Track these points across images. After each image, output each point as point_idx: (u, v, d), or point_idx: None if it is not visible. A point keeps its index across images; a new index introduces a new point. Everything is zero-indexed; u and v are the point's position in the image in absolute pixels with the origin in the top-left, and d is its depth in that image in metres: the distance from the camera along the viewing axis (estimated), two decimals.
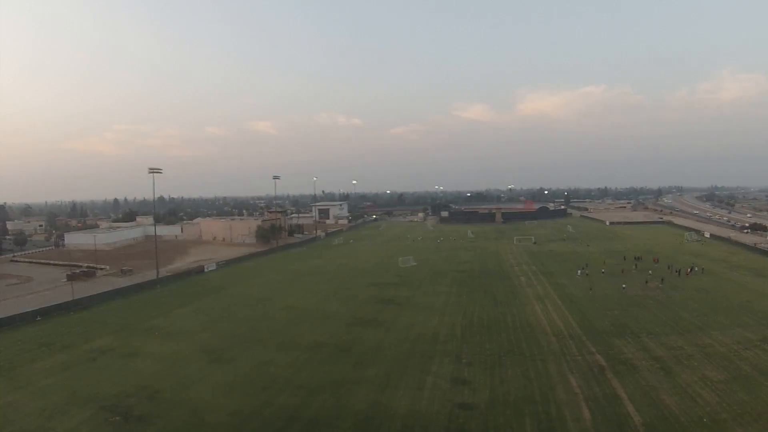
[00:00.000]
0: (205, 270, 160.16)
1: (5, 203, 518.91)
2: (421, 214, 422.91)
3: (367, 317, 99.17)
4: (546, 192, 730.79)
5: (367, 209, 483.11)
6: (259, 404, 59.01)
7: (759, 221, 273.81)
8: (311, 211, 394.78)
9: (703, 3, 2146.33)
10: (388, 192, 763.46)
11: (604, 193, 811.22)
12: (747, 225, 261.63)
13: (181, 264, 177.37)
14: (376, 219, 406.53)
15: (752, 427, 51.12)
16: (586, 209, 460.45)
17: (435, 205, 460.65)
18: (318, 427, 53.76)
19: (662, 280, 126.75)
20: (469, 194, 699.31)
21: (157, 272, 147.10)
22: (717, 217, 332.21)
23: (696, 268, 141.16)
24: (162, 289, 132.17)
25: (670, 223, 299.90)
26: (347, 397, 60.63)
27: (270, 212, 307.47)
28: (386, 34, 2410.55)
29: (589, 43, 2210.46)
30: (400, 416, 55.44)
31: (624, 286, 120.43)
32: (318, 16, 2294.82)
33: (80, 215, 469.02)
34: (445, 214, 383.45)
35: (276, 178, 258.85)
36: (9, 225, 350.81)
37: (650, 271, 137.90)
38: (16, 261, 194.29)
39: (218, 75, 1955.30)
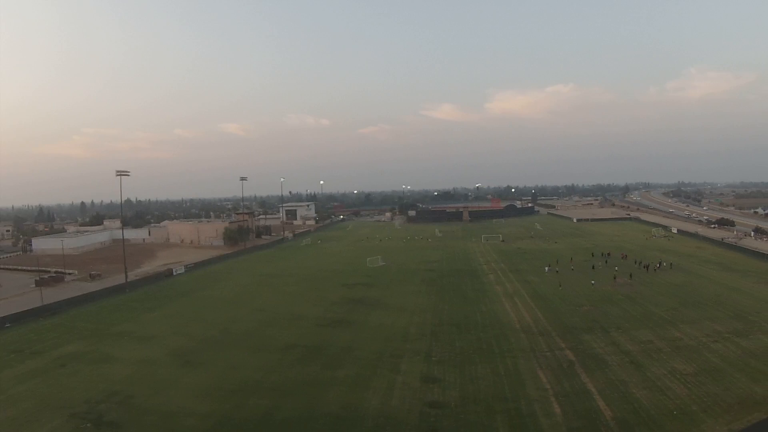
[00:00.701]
0: (174, 273, 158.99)
1: None
2: (388, 214, 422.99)
3: (337, 318, 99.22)
4: (513, 190, 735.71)
5: (335, 209, 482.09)
6: (230, 407, 58.77)
7: (726, 216, 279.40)
8: (279, 212, 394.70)
9: (672, 1, 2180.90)
10: (356, 192, 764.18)
11: (571, 191, 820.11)
12: (714, 220, 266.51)
13: (149, 268, 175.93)
14: (343, 219, 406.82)
15: (722, 419, 52.07)
16: (554, 207, 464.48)
17: (402, 204, 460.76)
18: (290, 429, 53.66)
19: (630, 275, 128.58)
20: (436, 193, 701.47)
21: (126, 276, 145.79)
22: (685, 212, 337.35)
23: (664, 263, 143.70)
24: (131, 294, 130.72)
25: (637, 219, 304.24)
26: (319, 399, 60.62)
27: (238, 214, 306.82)
28: (355, 35, 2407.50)
29: (558, 42, 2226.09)
30: (371, 416, 55.60)
31: (593, 282, 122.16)
32: (286, 17, 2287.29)
33: (47, 219, 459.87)
34: (412, 213, 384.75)
35: (243, 179, 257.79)
36: None
37: (616, 267, 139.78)
38: None
39: (187, 76, 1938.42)
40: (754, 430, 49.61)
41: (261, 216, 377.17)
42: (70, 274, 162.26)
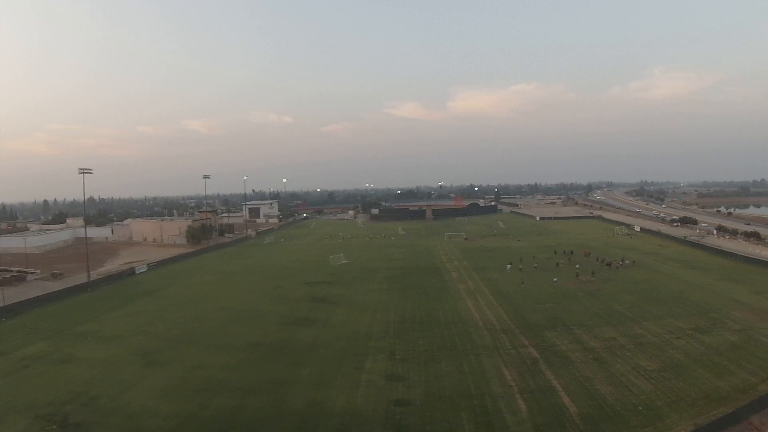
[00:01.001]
0: (137, 272, 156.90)
1: None
2: (351, 212, 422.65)
3: (300, 316, 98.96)
4: (477, 189, 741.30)
5: (298, 208, 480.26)
6: (195, 407, 58.25)
7: (688, 215, 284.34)
8: (242, 210, 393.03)
9: (636, 1, 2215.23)
10: (319, 190, 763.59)
11: (534, 189, 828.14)
12: (676, 218, 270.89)
13: (112, 266, 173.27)
14: (306, 217, 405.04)
15: (687, 414, 52.96)
16: (517, 205, 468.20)
17: (366, 202, 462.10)
18: (256, 428, 53.39)
19: (593, 273, 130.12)
20: (399, 191, 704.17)
21: (88, 275, 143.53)
22: (654, 212, 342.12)
23: (626, 261, 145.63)
24: (94, 293, 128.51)
25: (600, 218, 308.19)
26: (284, 397, 60.43)
27: (201, 212, 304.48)
28: (318, 33, 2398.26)
29: (522, 41, 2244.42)
30: (337, 414, 55.51)
31: (555, 279, 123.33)
32: (249, 15, 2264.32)
33: (10, 218, 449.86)
34: (375, 211, 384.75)
35: (206, 177, 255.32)
36: None
37: (577, 265, 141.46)
38: None
39: (152, 73, 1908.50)
40: (718, 424, 50.37)
41: (224, 214, 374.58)
42: (32, 273, 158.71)
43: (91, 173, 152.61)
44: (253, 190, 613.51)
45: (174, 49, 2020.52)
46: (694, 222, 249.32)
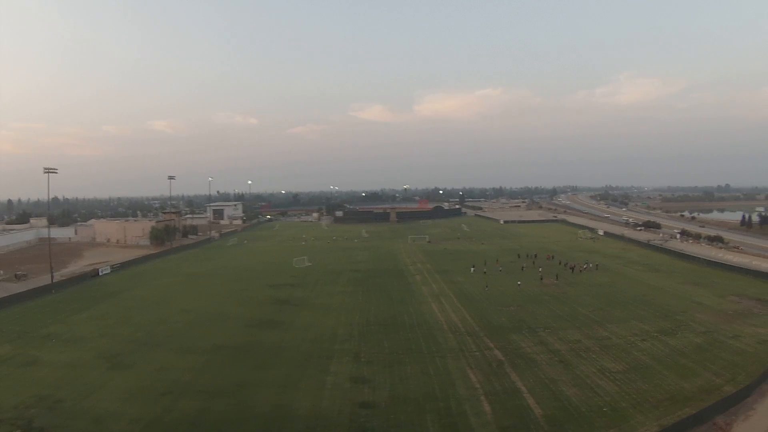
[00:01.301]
0: (101, 273, 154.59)
1: None
2: (315, 214, 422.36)
3: (265, 318, 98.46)
4: (441, 192, 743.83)
5: (262, 210, 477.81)
6: (160, 410, 57.51)
7: (652, 219, 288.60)
8: (206, 211, 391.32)
9: (602, 7, 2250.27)
10: (283, 192, 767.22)
11: (498, 193, 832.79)
12: (640, 222, 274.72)
13: (75, 267, 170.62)
14: (270, 219, 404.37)
15: (652, 415, 53.55)
16: (481, 208, 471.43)
17: (330, 205, 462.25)
18: (221, 431, 53.00)
19: (557, 276, 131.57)
20: (364, 194, 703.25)
21: (52, 277, 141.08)
22: (623, 218, 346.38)
23: (590, 264, 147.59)
24: (58, 295, 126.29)
25: (564, 222, 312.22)
26: (249, 400, 60.02)
27: (164, 213, 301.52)
28: (284, 34, 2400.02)
29: (488, 45, 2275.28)
30: (302, 417, 55.24)
31: (519, 282, 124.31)
32: (215, 15, 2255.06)
33: None
34: (339, 214, 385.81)
35: (171, 178, 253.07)
36: None
37: (540, 269, 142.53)
38: None
39: (117, 72, 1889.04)
40: (683, 425, 51.09)
41: (188, 215, 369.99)
42: None
43: (56, 173, 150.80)
44: (218, 192, 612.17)
45: (139, 49, 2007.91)
46: (658, 226, 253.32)
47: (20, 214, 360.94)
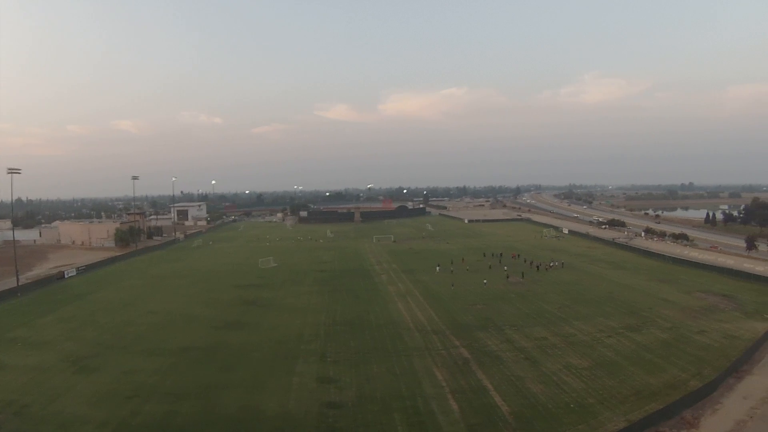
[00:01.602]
0: (66, 276, 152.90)
1: None
2: (280, 215, 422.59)
3: (231, 320, 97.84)
4: (405, 191, 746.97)
5: (227, 210, 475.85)
6: (127, 414, 56.86)
7: (617, 217, 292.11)
8: (170, 212, 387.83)
9: (567, 7, 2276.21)
10: (248, 192, 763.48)
11: (463, 192, 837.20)
12: (605, 220, 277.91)
13: (41, 270, 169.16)
14: (235, 220, 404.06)
15: (619, 410, 54.08)
16: (445, 207, 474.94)
17: (294, 205, 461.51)
18: None
19: (523, 274, 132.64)
20: (328, 194, 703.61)
21: (17, 280, 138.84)
22: (594, 217, 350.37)
23: (555, 263, 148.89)
24: (23, 298, 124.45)
25: (528, 220, 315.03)
26: (216, 402, 59.65)
27: (129, 214, 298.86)
28: (249, 33, 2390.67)
29: (452, 44, 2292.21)
30: (270, 418, 54.98)
31: (485, 281, 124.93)
32: (179, 13, 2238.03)
33: None
34: (304, 214, 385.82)
35: (135, 178, 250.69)
36: None
37: (505, 267, 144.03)
38: None
39: (82, 72, 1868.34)
40: (651, 419, 51.67)
41: (152, 216, 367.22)
42: None
43: (19, 173, 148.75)
44: (182, 192, 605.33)
45: (104, 48, 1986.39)
46: (622, 224, 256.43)
47: None
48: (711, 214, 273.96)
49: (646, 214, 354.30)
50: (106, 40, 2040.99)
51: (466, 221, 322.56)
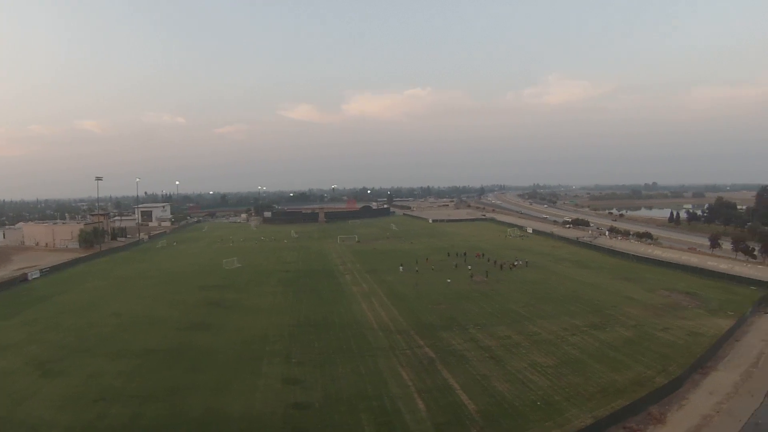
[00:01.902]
0: (30, 278, 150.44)
1: None
2: (244, 215, 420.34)
3: (196, 321, 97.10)
4: (369, 192, 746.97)
5: (191, 211, 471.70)
6: (93, 417, 56.18)
7: (581, 216, 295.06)
8: (134, 213, 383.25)
9: (531, 9, 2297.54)
10: (212, 193, 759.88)
11: (426, 192, 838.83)
12: (569, 220, 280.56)
13: (4, 272, 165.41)
14: (199, 221, 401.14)
15: (585, 407, 54.79)
16: (410, 208, 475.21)
17: (258, 205, 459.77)
18: None
19: (487, 273, 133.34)
20: (292, 194, 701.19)
21: None
22: (540, 213, 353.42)
23: (519, 262, 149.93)
24: None
25: (492, 220, 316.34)
26: (182, 404, 59.25)
27: (93, 215, 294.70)
28: (212, 32, 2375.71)
29: (416, 45, 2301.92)
30: (236, 420, 54.84)
31: (449, 280, 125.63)
32: (141, 12, 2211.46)
33: None
34: (268, 214, 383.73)
35: (99, 179, 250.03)
36: None
37: (470, 267, 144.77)
38: None
39: (44, 71, 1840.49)
40: (618, 416, 52.38)
41: (116, 217, 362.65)
42: None
43: None
44: (146, 193, 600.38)
45: (66, 47, 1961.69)
46: (587, 224, 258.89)
47: None
48: (675, 213, 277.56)
49: (610, 213, 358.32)
50: (68, 39, 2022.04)
51: (430, 221, 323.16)
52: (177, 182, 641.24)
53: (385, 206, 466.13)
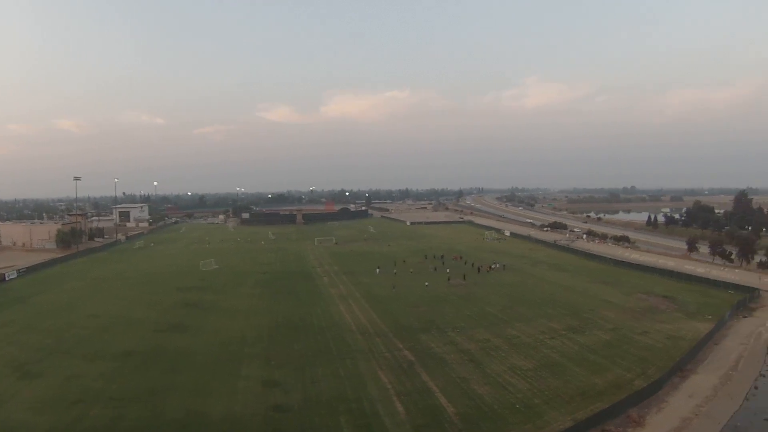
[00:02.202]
0: (7, 278, 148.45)
1: None
2: (222, 216, 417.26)
3: (174, 322, 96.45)
4: (347, 194, 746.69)
5: (169, 211, 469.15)
6: (72, 420, 55.65)
7: (559, 220, 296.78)
8: (112, 213, 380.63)
9: (509, 11, 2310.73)
10: (190, 194, 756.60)
11: (405, 195, 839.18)
12: (547, 223, 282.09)
13: None
14: (176, 222, 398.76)
15: (565, 410, 55.16)
16: (388, 210, 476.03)
17: (236, 207, 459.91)
18: None
19: (464, 276, 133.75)
20: (270, 196, 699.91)
21: None
22: (518, 216, 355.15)
23: (497, 265, 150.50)
24: None
25: (470, 223, 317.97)
26: (162, 406, 58.87)
27: (70, 215, 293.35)
28: (191, 33, 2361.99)
29: (394, 47, 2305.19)
30: (216, 422, 54.68)
31: (427, 283, 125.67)
32: (122, 13, 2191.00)
33: None
34: (246, 215, 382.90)
35: (77, 179, 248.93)
36: None
37: (448, 270, 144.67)
38: None
39: (21, 70, 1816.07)
40: (597, 418, 52.75)
41: (94, 218, 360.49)
42: None
43: None
44: (124, 193, 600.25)
45: (44, 46, 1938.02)
46: (564, 227, 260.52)
47: None
48: (653, 217, 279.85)
49: (588, 216, 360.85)
50: (44, 37, 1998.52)
51: (408, 223, 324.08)
52: (155, 183, 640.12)
53: (364, 208, 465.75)
